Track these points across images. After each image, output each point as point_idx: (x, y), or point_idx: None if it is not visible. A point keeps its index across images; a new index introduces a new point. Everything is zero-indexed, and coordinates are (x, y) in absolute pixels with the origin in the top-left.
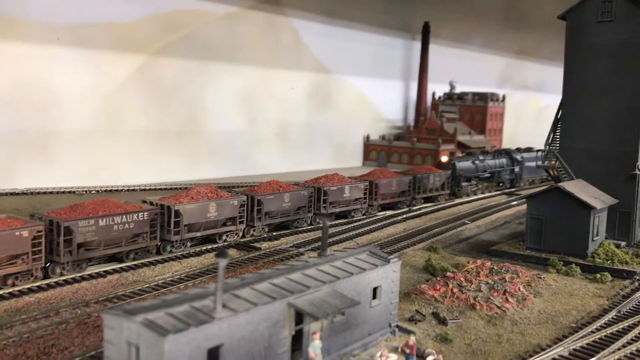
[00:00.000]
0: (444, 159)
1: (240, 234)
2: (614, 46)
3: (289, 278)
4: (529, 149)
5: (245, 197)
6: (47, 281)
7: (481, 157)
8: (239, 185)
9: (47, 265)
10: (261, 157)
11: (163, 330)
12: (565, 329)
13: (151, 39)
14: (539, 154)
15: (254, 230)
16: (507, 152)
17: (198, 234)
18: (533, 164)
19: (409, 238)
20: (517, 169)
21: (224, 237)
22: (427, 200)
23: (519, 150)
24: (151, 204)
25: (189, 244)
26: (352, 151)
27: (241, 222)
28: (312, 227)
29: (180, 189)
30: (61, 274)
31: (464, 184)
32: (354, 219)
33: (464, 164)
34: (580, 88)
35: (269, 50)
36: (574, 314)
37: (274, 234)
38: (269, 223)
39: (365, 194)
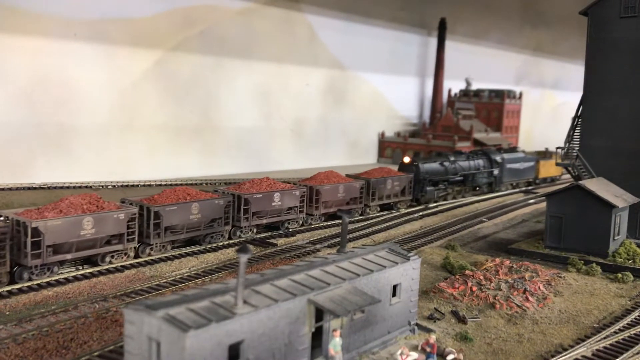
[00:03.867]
0: (406, 159)
1: (132, 254)
2: (637, 42)
3: (309, 274)
4: (512, 149)
5: (136, 209)
6: (64, 275)
7: (452, 158)
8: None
9: None
10: (276, 153)
11: (184, 326)
12: (587, 329)
13: (168, 35)
14: (525, 154)
15: (150, 249)
16: (485, 153)
17: (68, 257)
18: (517, 165)
19: (425, 236)
20: (496, 171)
21: (107, 259)
22: (384, 207)
23: (499, 150)
24: (7, 219)
25: (56, 268)
26: (367, 148)
27: (131, 240)
28: (232, 242)
29: (196, 184)
30: None
31: (428, 188)
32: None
33: (430, 166)
34: (602, 85)
35: (284, 46)
36: (595, 314)
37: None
38: (172, 240)
39: (302, 201)
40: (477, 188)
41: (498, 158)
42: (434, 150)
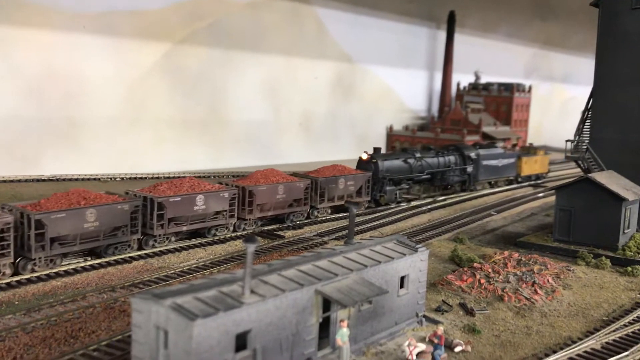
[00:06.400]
0: (364, 155)
1: (9, 271)
2: None
3: (316, 265)
4: (490, 145)
5: (10, 218)
6: (73, 266)
7: (418, 155)
8: None
9: None
10: (284, 146)
11: (192, 315)
12: (597, 322)
13: (176, 27)
14: (505, 150)
15: (34, 264)
16: (458, 149)
17: None
18: (494, 162)
19: (434, 229)
20: (469, 168)
21: None
22: (337, 209)
23: (475, 146)
24: None
25: None
26: (375, 141)
27: (6, 255)
28: (144, 253)
29: (205, 177)
30: None
31: (388, 188)
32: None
33: (391, 163)
34: (613, 77)
35: (292, 39)
36: (605, 307)
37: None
38: (60, 253)
39: (232, 204)
40: (449, 187)
41: (472, 154)
42: (443, 144)
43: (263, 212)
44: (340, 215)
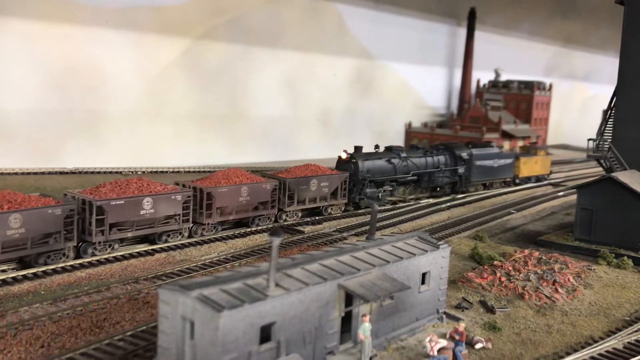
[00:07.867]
0: (343, 155)
1: None
2: None
3: (339, 260)
4: (485, 144)
5: None
6: (97, 257)
7: (404, 155)
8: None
9: None
10: (302, 142)
11: (218, 306)
12: (619, 322)
13: (196, 23)
14: (501, 150)
15: None
16: (448, 148)
17: None
18: (489, 162)
19: (453, 226)
20: (461, 169)
21: None
22: (311, 212)
23: (467, 145)
24: None
25: None
26: (394, 138)
27: None
28: (81, 262)
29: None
30: None
31: (369, 190)
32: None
33: (373, 163)
34: (638, 75)
35: (312, 35)
36: (627, 307)
37: None
38: None
39: (186, 208)
40: (438, 189)
41: (464, 154)
42: (462, 141)
43: (224, 216)
44: (314, 218)
